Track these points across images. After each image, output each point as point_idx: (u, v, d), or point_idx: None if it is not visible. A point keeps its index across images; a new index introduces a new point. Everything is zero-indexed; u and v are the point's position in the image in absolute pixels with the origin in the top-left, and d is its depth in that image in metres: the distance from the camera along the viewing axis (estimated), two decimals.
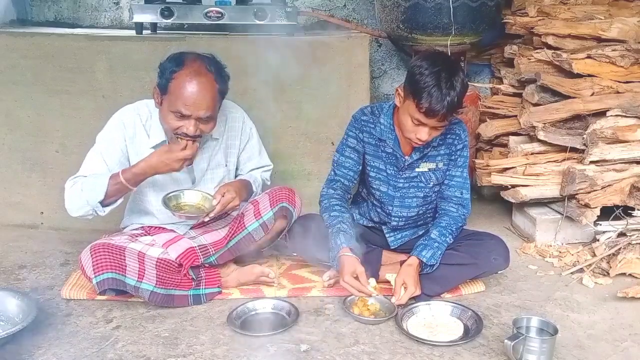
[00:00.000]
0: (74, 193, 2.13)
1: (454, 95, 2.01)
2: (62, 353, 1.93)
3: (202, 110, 2.07)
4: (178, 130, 2.10)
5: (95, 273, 2.08)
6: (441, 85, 1.99)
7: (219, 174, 2.39)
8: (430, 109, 2.01)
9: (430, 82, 2.00)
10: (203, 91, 2.06)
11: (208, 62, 2.12)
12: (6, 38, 2.86)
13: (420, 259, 2.20)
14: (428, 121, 2.06)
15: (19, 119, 2.87)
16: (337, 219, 2.24)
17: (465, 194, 2.35)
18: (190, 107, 2.05)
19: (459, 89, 2.02)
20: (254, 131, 2.47)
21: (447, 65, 2.05)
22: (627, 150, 2.69)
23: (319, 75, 2.90)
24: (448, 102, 2.00)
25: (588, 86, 2.82)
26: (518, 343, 1.83)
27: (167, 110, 2.10)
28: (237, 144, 2.41)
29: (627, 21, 2.90)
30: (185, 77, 2.05)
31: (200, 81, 2.06)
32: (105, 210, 2.14)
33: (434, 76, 2.00)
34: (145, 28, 3.00)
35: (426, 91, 2.00)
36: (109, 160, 2.19)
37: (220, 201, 2.14)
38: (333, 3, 3.57)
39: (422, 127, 2.09)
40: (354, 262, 2.14)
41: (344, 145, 2.35)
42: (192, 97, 2.04)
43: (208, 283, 2.27)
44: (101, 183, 2.09)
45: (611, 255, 2.52)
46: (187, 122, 2.08)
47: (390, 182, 2.32)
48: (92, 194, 2.09)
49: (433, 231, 2.26)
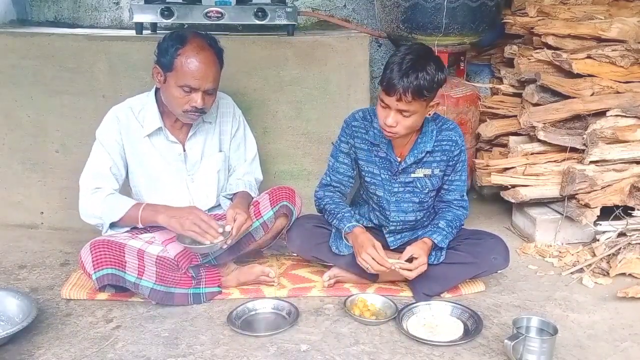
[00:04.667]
0: (93, 202, 2.22)
1: (413, 77, 2.00)
2: (62, 353, 1.93)
3: (210, 83, 2.18)
4: (186, 105, 2.17)
5: (95, 269, 2.09)
6: (402, 64, 2.02)
7: (216, 160, 2.42)
8: (387, 84, 2.03)
9: (395, 60, 2.05)
10: (209, 64, 2.17)
11: (207, 38, 2.22)
12: (6, 38, 2.86)
13: (432, 240, 2.22)
14: (389, 101, 2.06)
15: (19, 119, 2.87)
16: (340, 206, 2.29)
17: (465, 196, 2.37)
18: (198, 80, 2.14)
19: (422, 74, 2.01)
20: (242, 119, 2.52)
21: (420, 52, 2.08)
22: (627, 150, 2.70)
23: (319, 75, 2.90)
24: (405, 81, 2.00)
25: (588, 86, 2.82)
26: (518, 343, 1.83)
27: (174, 86, 2.17)
28: (228, 129, 2.46)
29: (627, 21, 2.90)
30: (191, 52, 2.14)
31: (205, 55, 2.16)
32: (109, 232, 2.23)
33: (401, 56, 2.05)
34: (145, 28, 3.00)
35: (389, 68, 2.05)
36: (112, 153, 2.28)
37: (234, 226, 2.15)
38: (333, 3, 3.57)
39: (388, 110, 2.10)
40: (370, 237, 2.18)
41: (337, 151, 2.36)
42: (199, 70, 2.14)
43: (208, 282, 2.28)
44: (121, 208, 2.19)
45: (611, 255, 2.52)
46: (195, 95, 2.17)
47: (385, 187, 2.33)
48: (109, 213, 2.19)
49: (440, 222, 2.27)
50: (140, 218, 2.18)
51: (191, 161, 2.38)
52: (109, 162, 2.27)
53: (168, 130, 2.33)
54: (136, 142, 2.31)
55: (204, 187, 2.41)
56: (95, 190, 2.22)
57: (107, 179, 2.25)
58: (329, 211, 2.31)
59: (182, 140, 2.36)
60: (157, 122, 2.30)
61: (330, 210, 2.30)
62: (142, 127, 2.31)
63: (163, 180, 2.35)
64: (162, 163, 2.34)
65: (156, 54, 2.21)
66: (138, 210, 2.18)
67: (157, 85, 2.26)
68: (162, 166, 2.34)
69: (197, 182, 2.40)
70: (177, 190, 2.37)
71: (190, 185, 2.39)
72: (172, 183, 2.36)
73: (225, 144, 2.46)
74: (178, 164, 2.36)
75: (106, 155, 2.27)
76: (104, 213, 2.20)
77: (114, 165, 2.28)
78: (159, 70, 2.20)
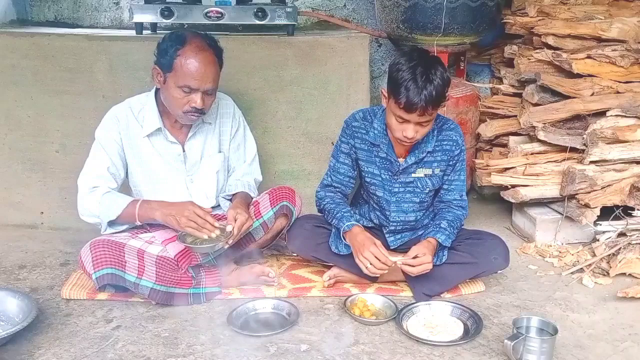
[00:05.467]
0: (90, 202, 2.22)
1: (431, 89, 2.00)
2: (62, 353, 1.93)
3: (209, 83, 2.18)
4: (186, 106, 2.17)
5: (95, 268, 2.09)
6: (417, 79, 2.00)
7: (215, 161, 2.41)
8: (408, 103, 2.01)
9: (406, 76, 2.02)
10: (209, 65, 2.17)
11: (206, 38, 2.23)
12: (6, 38, 2.86)
13: (436, 239, 2.21)
14: (410, 117, 2.05)
15: (19, 119, 2.87)
16: (340, 206, 2.29)
17: (464, 196, 2.37)
18: (198, 80, 2.14)
19: (437, 82, 2.02)
20: (242, 120, 2.52)
21: (424, 60, 2.06)
22: (627, 150, 2.69)
23: (319, 75, 2.90)
24: (426, 95, 1.99)
25: (588, 86, 2.82)
26: (518, 343, 1.83)
27: (173, 87, 2.17)
28: (228, 130, 2.46)
29: (627, 21, 2.89)
30: (191, 52, 2.14)
31: (205, 55, 2.17)
32: (108, 230, 2.23)
33: (410, 70, 2.02)
34: (145, 28, 3.00)
35: (403, 86, 2.01)
36: (110, 153, 2.28)
37: (235, 225, 2.15)
38: (333, 3, 3.57)
39: (407, 124, 2.09)
40: (370, 236, 2.18)
41: (338, 151, 2.36)
42: (199, 71, 2.14)
43: (208, 282, 2.28)
44: (117, 206, 2.19)
45: (611, 255, 2.52)
46: (195, 96, 2.17)
47: (385, 187, 2.32)
48: (106, 211, 2.19)
49: (442, 222, 2.27)
50: (137, 215, 2.18)
51: (191, 162, 2.38)
52: (107, 162, 2.27)
53: (168, 130, 2.33)
54: (136, 142, 2.31)
55: (204, 188, 2.41)
56: (93, 190, 2.23)
57: (105, 179, 2.25)
58: (329, 210, 2.31)
59: (182, 140, 2.36)
60: (156, 122, 2.30)
61: (330, 209, 2.31)
62: (142, 128, 2.31)
63: (162, 180, 2.35)
64: (162, 163, 2.34)
65: (156, 55, 2.21)
66: (134, 208, 2.18)
67: (157, 86, 2.26)
68: (161, 166, 2.34)
69: (197, 182, 2.40)
70: (176, 190, 2.37)
71: (189, 186, 2.39)
72: (171, 183, 2.36)
73: (224, 144, 2.46)
74: (177, 164, 2.36)
75: (104, 155, 2.27)
76: (101, 212, 2.20)
77: (112, 165, 2.28)
78: (158, 71, 2.20)
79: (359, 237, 2.18)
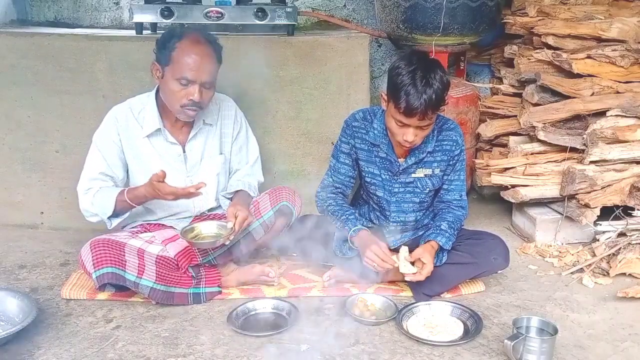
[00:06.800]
0: (86, 203, 2.26)
1: (431, 93, 1.99)
2: (62, 353, 1.93)
3: (206, 75, 2.19)
4: (184, 99, 2.18)
5: (95, 268, 2.10)
6: (417, 84, 1.99)
7: (216, 163, 2.42)
8: (408, 108, 2.01)
9: (406, 81, 2.01)
10: (206, 57, 2.19)
11: (204, 34, 2.25)
12: (6, 38, 2.86)
13: (438, 242, 2.21)
14: (410, 121, 2.05)
15: (19, 119, 2.87)
16: (344, 208, 2.29)
17: (464, 196, 2.37)
18: (195, 72, 2.16)
19: (436, 86, 2.01)
20: (244, 122, 2.53)
21: (423, 64, 2.05)
22: (627, 150, 2.70)
23: (319, 75, 2.90)
24: (425, 100, 1.99)
25: (588, 86, 2.82)
26: (518, 343, 1.83)
27: (171, 80, 2.18)
28: (230, 132, 2.46)
29: (627, 21, 2.90)
30: (188, 44, 2.17)
31: (202, 48, 2.19)
32: (114, 223, 2.26)
33: (410, 75, 2.01)
34: (145, 28, 3.00)
35: (402, 90, 2.00)
36: (108, 156, 2.29)
37: (236, 222, 2.17)
38: (333, 3, 3.57)
39: (406, 128, 2.09)
40: (375, 237, 2.18)
41: (338, 151, 2.36)
42: (196, 62, 2.16)
43: (208, 282, 2.28)
44: (110, 200, 2.21)
45: (611, 255, 2.52)
46: (192, 89, 2.18)
47: (385, 187, 2.32)
48: (102, 209, 2.23)
49: (442, 224, 2.26)
50: (130, 200, 2.20)
51: (191, 162, 2.38)
52: (101, 165, 2.28)
53: (168, 131, 2.33)
54: (135, 143, 2.32)
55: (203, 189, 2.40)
56: (87, 192, 2.26)
57: (98, 181, 2.28)
58: (333, 213, 2.30)
59: (182, 141, 2.36)
60: (156, 123, 2.30)
61: (334, 212, 2.30)
62: (142, 128, 2.31)
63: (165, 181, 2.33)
64: (162, 164, 2.33)
65: (155, 52, 2.23)
66: (123, 196, 2.20)
67: (156, 81, 2.27)
68: (161, 167, 2.32)
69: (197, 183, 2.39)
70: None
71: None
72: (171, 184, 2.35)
73: (226, 146, 2.46)
74: (178, 165, 2.36)
75: (99, 158, 2.29)
76: (98, 210, 2.24)
77: (108, 168, 2.29)
78: (157, 66, 2.22)
79: (366, 241, 2.18)
